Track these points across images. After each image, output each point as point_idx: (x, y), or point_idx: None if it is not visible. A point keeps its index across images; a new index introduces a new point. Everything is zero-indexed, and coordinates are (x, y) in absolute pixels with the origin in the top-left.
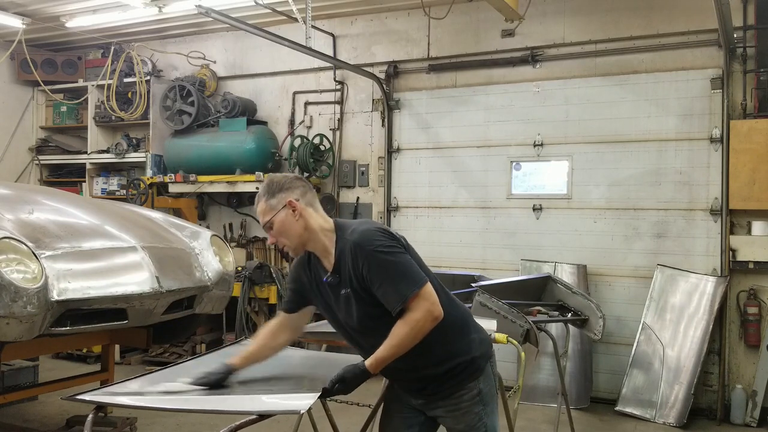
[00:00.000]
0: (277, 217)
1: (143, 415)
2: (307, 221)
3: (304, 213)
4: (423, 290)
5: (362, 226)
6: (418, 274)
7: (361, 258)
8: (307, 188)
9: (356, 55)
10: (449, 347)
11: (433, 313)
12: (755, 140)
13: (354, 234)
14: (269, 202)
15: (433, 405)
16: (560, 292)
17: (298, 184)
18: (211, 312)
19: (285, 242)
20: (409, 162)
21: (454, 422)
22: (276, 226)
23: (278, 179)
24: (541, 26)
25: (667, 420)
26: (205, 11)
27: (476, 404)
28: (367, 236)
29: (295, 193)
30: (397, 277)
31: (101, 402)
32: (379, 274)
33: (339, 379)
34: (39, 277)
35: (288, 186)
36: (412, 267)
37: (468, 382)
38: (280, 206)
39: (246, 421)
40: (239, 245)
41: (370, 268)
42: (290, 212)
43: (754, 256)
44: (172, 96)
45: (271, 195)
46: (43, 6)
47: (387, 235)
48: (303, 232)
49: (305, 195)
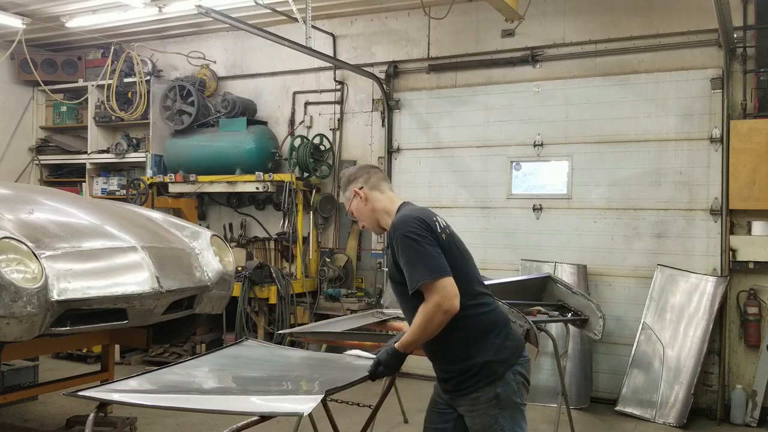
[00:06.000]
0: (352, 205)
1: (143, 415)
2: (374, 204)
3: (370, 197)
4: (437, 282)
5: (408, 210)
6: (437, 266)
7: (394, 239)
8: (371, 174)
9: (356, 55)
10: (467, 347)
11: (442, 306)
12: (755, 140)
13: (397, 216)
14: (345, 194)
15: (457, 402)
16: (560, 292)
17: (361, 173)
18: (211, 312)
19: (364, 224)
20: (409, 162)
21: (472, 421)
22: (354, 213)
23: (347, 173)
24: (541, 26)
25: (667, 420)
26: (205, 11)
27: (493, 407)
28: (403, 221)
29: (359, 182)
30: (416, 264)
31: (102, 399)
32: (403, 256)
33: (377, 362)
34: (39, 277)
35: (354, 177)
36: (434, 258)
37: (484, 385)
38: (351, 196)
39: (248, 422)
40: (239, 245)
41: (398, 249)
42: (359, 199)
43: (754, 256)
44: (172, 96)
45: (344, 188)
46: (43, 6)
47: (422, 225)
48: (372, 214)
49: (368, 181)
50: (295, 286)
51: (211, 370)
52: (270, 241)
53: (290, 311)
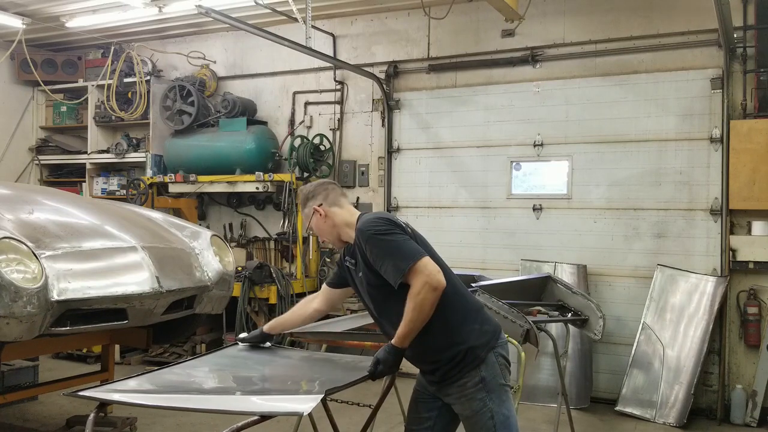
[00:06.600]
0: (312, 222)
1: (143, 415)
2: (334, 220)
3: (329, 213)
4: (419, 263)
5: (367, 215)
6: (414, 250)
7: (363, 242)
8: (329, 190)
9: (356, 55)
10: (450, 335)
11: (431, 283)
12: (755, 140)
13: (359, 222)
14: (304, 211)
15: (445, 391)
16: (560, 292)
17: (320, 191)
18: (211, 312)
19: (324, 239)
20: (409, 162)
21: (462, 408)
22: (314, 229)
23: (305, 191)
24: (541, 26)
25: (667, 420)
26: (205, 11)
27: (479, 391)
28: (367, 223)
29: (318, 200)
30: (394, 254)
31: (102, 399)
32: (379, 255)
33: (375, 361)
34: (39, 277)
35: (312, 195)
36: (408, 244)
37: (469, 370)
38: (311, 213)
39: (248, 422)
40: (239, 245)
41: (371, 250)
42: (318, 216)
43: (754, 256)
44: (172, 96)
45: (303, 205)
46: (43, 6)
47: (386, 221)
48: (332, 229)
49: (327, 198)
50: (295, 286)
51: (211, 370)
52: (270, 241)
53: None
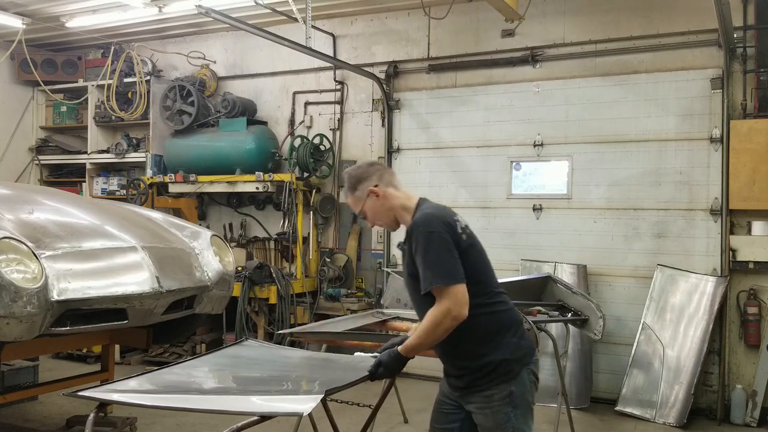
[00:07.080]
0: (365, 205)
1: (143, 415)
2: (392, 202)
3: (387, 194)
4: (450, 288)
5: (430, 209)
6: (452, 272)
7: (414, 236)
8: (383, 170)
9: (356, 55)
10: (487, 344)
11: (451, 312)
12: (755, 140)
13: (418, 214)
14: (355, 194)
15: (468, 399)
16: (560, 292)
17: (372, 171)
18: (211, 312)
19: (380, 223)
20: (409, 162)
21: (484, 419)
22: (369, 214)
23: (356, 173)
24: (541, 26)
25: (667, 420)
26: (205, 11)
27: (506, 405)
28: (426, 219)
29: (373, 180)
30: (436, 264)
31: (102, 399)
32: (422, 255)
33: (377, 363)
34: (39, 277)
35: (366, 176)
36: (450, 263)
37: (499, 383)
38: (365, 196)
39: (248, 422)
40: (239, 245)
41: (416, 248)
42: (375, 198)
43: (754, 256)
44: (172, 96)
45: (354, 188)
46: (43, 6)
47: (444, 226)
48: (389, 212)
49: (383, 178)
50: (295, 286)
51: (211, 370)
52: (270, 241)
53: (290, 311)
